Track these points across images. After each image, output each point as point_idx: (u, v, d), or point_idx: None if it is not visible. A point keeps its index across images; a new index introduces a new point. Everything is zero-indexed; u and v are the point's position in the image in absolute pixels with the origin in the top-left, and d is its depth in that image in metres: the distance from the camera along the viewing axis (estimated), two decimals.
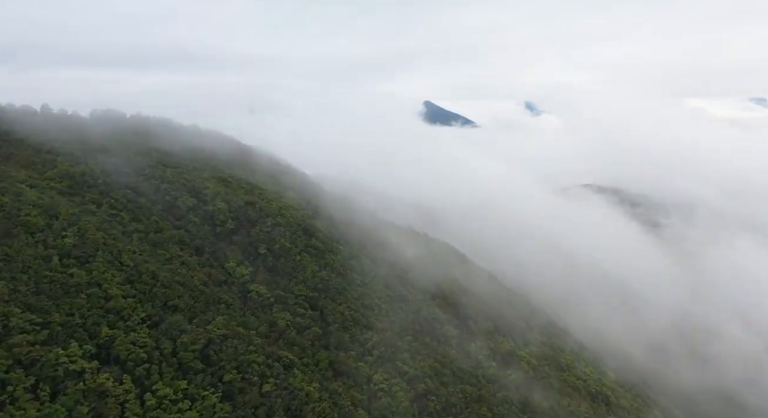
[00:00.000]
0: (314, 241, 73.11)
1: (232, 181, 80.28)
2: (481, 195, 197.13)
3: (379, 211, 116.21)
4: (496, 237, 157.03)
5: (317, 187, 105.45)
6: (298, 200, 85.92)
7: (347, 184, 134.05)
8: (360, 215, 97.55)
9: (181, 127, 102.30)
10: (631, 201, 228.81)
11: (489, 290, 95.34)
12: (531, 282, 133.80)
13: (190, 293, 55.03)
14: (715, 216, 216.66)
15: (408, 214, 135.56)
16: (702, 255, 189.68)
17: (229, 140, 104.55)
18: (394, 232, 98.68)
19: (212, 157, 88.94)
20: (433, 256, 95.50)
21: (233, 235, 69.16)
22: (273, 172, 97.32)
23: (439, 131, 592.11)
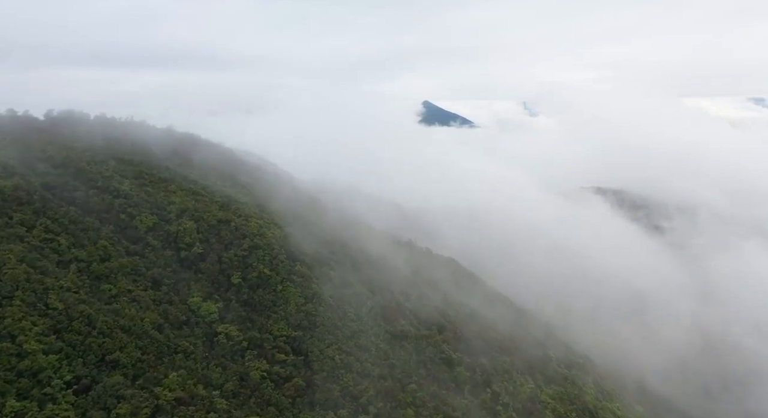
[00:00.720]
0: (299, 266, 61.44)
1: (204, 194, 68.59)
2: (480, 199, 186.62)
3: (376, 220, 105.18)
4: (496, 243, 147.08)
5: (308, 198, 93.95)
6: (283, 215, 74.25)
7: (341, 190, 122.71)
8: (355, 230, 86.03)
9: (154, 130, 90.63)
10: (633, 203, 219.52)
11: (500, 314, 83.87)
12: (535, 292, 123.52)
13: (137, 342, 43.46)
14: (718, 219, 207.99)
15: (406, 222, 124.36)
16: (709, 260, 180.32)
17: (207, 145, 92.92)
18: (392, 248, 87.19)
19: (184, 165, 77.35)
20: (437, 276, 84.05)
21: (201, 261, 57.50)
22: (258, 181, 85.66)
23: (437, 132, 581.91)
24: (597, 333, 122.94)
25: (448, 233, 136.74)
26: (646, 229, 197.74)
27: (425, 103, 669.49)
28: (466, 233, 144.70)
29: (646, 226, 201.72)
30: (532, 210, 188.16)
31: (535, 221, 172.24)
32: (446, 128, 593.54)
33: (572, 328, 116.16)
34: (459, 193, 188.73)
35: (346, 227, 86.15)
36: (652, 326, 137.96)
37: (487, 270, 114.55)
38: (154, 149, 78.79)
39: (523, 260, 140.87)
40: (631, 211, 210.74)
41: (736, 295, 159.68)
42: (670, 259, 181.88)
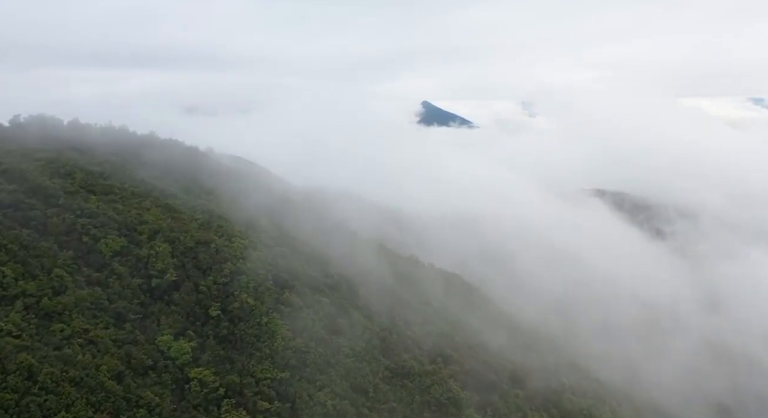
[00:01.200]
0: (288, 294, 54.30)
1: (182, 211, 61.46)
2: (477, 203, 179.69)
3: (373, 229, 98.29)
4: (495, 249, 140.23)
5: (301, 209, 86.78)
6: (272, 233, 67.16)
7: (336, 197, 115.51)
8: (351, 244, 78.93)
9: (133, 137, 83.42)
10: (633, 206, 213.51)
11: (508, 337, 76.92)
12: (537, 302, 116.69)
13: (88, 398, 36.34)
14: (721, 223, 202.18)
15: (403, 230, 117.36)
16: (714, 267, 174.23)
17: (192, 153, 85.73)
18: (393, 264, 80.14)
19: (164, 177, 70.15)
20: (441, 295, 77.04)
21: (175, 290, 50.35)
22: (244, 194, 78.45)
23: (436, 132, 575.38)
24: (604, 348, 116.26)
25: (444, 239, 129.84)
26: (648, 233, 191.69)
27: (424, 103, 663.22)
28: (464, 239, 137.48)
29: (647, 230, 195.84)
30: (532, 214, 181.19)
31: (534, 226, 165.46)
32: (445, 129, 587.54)
33: (578, 342, 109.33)
34: (456, 198, 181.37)
35: (342, 241, 79.15)
36: (660, 339, 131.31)
37: (486, 279, 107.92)
38: (130, 159, 71.63)
39: (523, 267, 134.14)
40: (632, 214, 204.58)
41: (745, 304, 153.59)
42: (674, 265, 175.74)
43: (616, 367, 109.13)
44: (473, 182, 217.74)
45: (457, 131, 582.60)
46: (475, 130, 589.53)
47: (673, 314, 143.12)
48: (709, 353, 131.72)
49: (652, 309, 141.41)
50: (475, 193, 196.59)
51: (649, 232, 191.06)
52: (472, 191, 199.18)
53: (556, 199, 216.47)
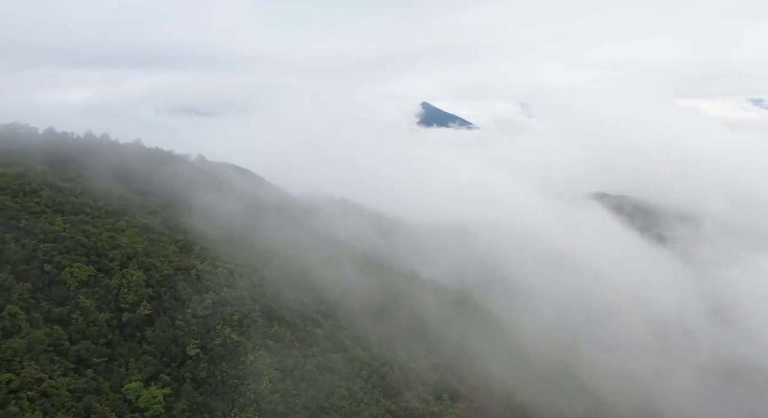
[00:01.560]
0: (277, 328, 48.55)
1: (162, 232, 55.66)
2: (478, 209, 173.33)
3: (370, 243, 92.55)
4: (493, 259, 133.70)
5: (293, 222, 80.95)
6: (261, 254, 61.35)
7: (331, 207, 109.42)
8: (346, 262, 73.13)
9: (114, 147, 77.52)
10: (634, 211, 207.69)
11: (518, 366, 71.15)
12: (539, 316, 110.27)
13: None
14: (723, 227, 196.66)
15: (399, 239, 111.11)
16: (719, 274, 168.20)
17: (177, 163, 79.84)
18: (391, 281, 74.34)
19: (142, 192, 64.33)
20: (447, 318, 71.28)
21: (148, 326, 44.57)
22: (232, 208, 72.61)
23: (435, 133, 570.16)
24: (614, 365, 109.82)
25: (444, 248, 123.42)
26: (650, 238, 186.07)
27: (424, 104, 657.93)
28: (463, 247, 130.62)
29: (649, 235, 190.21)
30: (532, 220, 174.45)
31: (536, 232, 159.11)
32: (444, 130, 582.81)
33: (587, 360, 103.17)
34: (456, 204, 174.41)
35: (337, 258, 73.38)
36: (670, 354, 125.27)
37: (488, 290, 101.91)
38: (108, 172, 65.83)
39: (525, 277, 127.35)
40: (633, 218, 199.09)
41: (753, 314, 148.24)
42: (678, 273, 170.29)
43: (628, 388, 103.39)
44: (472, 187, 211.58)
45: (456, 132, 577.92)
46: (475, 131, 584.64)
47: (681, 326, 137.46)
48: (723, 367, 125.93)
49: (660, 320, 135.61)
50: (476, 200, 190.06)
51: (651, 237, 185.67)
52: (472, 197, 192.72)
53: (556, 204, 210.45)
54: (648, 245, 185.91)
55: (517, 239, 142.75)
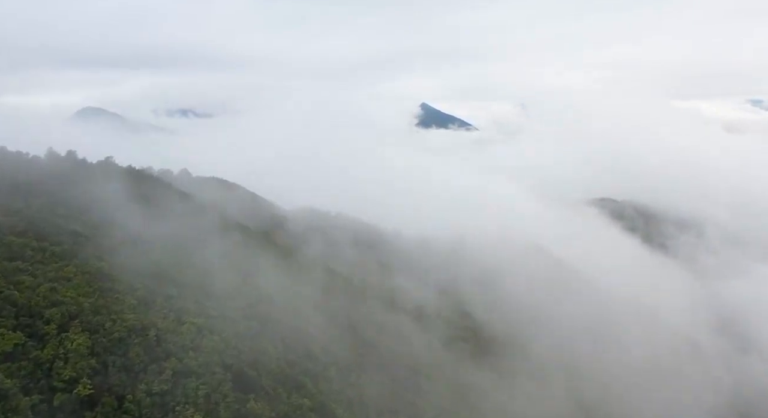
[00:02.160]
0: (253, 402, 39.29)
1: (119, 278, 46.38)
2: (471, 218, 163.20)
3: (368, 268, 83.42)
4: (492, 274, 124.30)
5: (286, 253, 71.78)
6: (241, 298, 52.07)
7: (329, 222, 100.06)
8: (344, 300, 64.02)
9: (83, 166, 68.05)
10: (634, 216, 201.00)
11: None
12: (547, 333, 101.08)
13: None
14: (727, 236, 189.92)
15: (396, 256, 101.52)
16: (724, 285, 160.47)
17: (157, 185, 70.49)
18: (396, 323, 65.31)
19: (104, 225, 55.03)
20: (453, 366, 62.23)
21: (88, 410, 35.39)
22: (217, 240, 63.29)
23: (434, 135, 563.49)
24: (625, 391, 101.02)
25: (442, 260, 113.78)
26: (654, 247, 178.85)
27: (423, 105, 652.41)
28: (460, 263, 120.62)
29: (653, 244, 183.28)
30: (531, 230, 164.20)
31: (535, 244, 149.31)
32: (444, 131, 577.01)
33: (603, 394, 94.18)
34: (452, 213, 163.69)
35: (331, 294, 64.35)
36: (682, 374, 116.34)
37: (488, 307, 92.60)
38: (64, 200, 56.57)
39: (527, 291, 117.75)
40: (633, 224, 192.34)
41: (762, 329, 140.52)
42: (685, 285, 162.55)
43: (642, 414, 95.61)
44: (471, 195, 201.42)
45: (455, 134, 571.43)
46: (474, 132, 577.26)
47: (688, 339, 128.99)
48: (738, 387, 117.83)
49: (665, 334, 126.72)
50: (475, 209, 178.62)
51: (653, 244, 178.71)
52: (472, 206, 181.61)
53: (557, 212, 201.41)
54: (653, 254, 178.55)
55: (519, 252, 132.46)
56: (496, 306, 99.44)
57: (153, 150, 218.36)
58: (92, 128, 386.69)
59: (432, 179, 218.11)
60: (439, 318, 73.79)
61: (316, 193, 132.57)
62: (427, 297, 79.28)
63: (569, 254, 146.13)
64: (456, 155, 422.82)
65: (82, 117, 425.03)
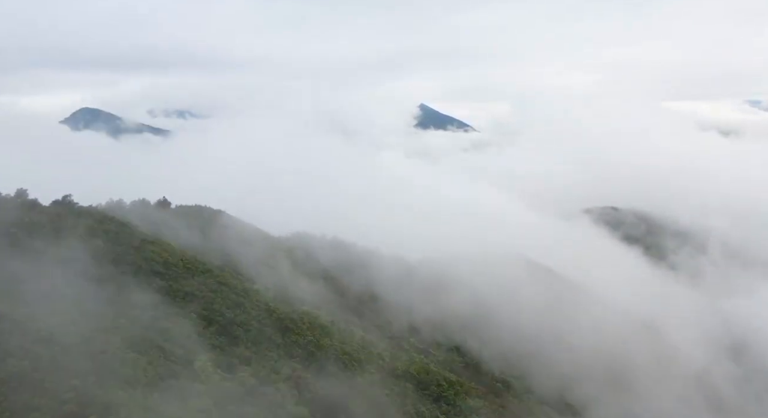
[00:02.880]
0: None
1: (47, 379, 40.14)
2: (467, 232, 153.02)
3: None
4: (501, 291, 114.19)
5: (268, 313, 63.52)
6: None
7: (323, 250, 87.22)
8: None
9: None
10: (633, 228, 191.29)
11: None
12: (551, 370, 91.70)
13: None
14: (729, 248, 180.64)
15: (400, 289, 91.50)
16: (730, 305, 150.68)
17: (123, 234, 62.56)
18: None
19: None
20: None
21: None
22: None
23: (432, 136, 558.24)
24: None
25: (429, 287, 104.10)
26: (657, 260, 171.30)
27: (422, 105, 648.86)
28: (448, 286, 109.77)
29: (650, 255, 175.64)
30: (528, 243, 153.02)
31: (533, 259, 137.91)
32: (442, 133, 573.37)
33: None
34: (443, 228, 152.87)
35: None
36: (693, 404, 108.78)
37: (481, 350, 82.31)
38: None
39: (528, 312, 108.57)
40: (630, 235, 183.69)
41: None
42: (689, 303, 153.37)
43: None
44: (464, 207, 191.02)
45: (454, 135, 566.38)
46: (472, 133, 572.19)
47: (701, 365, 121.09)
48: None
49: (674, 360, 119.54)
50: (473, 224, 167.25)
51: (655, 257, 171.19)
52: (467, 219, 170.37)
53: (555, 222, 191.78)
54: (659, 271, 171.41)
55: (513, 269, 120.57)
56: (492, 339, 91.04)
57: (133, 166, 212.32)
58: (84, 132, 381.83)
59: (425, 191, 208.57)
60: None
61: (302, 214, 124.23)
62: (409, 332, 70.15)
63: (571, 272, 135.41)
64: (453, 159, 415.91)
65: (79, 118, 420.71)
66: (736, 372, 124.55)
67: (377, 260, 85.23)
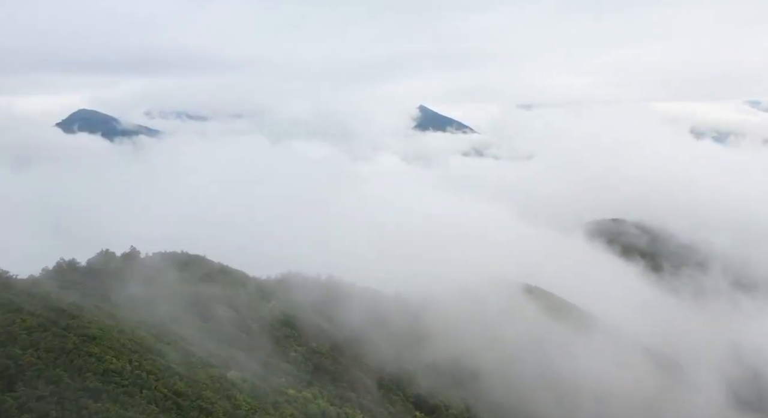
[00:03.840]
0: None
1: None
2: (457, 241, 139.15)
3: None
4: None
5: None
6: None
7: (312, 292, 77.69)
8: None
9: None
10: (636, 241, 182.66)
11: None
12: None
13: None
14: (733, 268, 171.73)
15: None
16: (737, 328, 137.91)
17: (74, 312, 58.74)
18: None
19: None
20: None
21: None
22: None
23: (430, 138, 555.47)
24: None
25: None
26: (658, 281, 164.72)
27: (421, 107, 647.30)
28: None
29: (649, 272, 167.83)
30: (522, 259, 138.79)
31: (529, 285, 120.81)
32: (440, 134, 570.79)
33: None
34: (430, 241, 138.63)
35: None
36: None
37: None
38: None
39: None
40: (639, 252, 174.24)
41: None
42: (696, 327, 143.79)
43: None
44: (461, 225, 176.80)
45: (452, 137, 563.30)
46: (471, 135, 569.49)
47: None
48: None
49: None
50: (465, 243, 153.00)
51: (655, 275, 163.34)
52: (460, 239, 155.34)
53: (551, 238, 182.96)
54: (659, 290, 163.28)
55: (506, 297, 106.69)
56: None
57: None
58: (78, 135, 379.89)
59: (415, 207, 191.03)
60: None
61: (289, 249, 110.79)
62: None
63: (569, 293, 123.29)
64: (450, 164, 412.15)
65: (76, 119, 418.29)
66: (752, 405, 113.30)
67: (349, 299, 74.52)
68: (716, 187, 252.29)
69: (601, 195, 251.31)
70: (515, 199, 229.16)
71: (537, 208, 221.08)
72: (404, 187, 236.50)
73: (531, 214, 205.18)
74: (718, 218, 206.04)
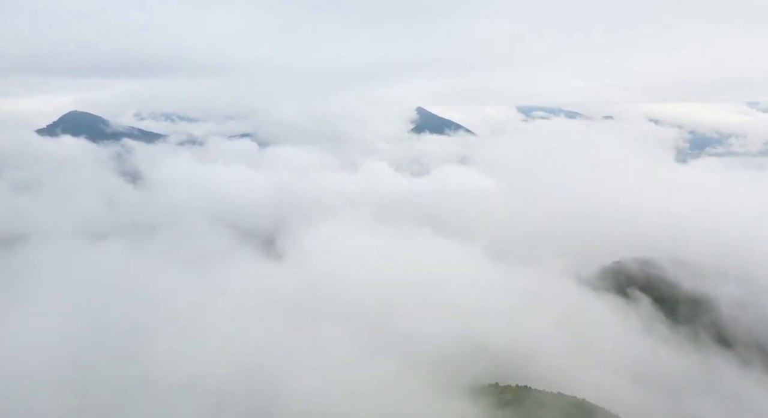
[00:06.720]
0: None
1: None
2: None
3: None
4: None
5: None
6: None
7: None
8: None
9: None
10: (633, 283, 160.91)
11: None
12: None
13: None
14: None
15: None
16: None
17: None
18: None
19: None
20: None
21: None
22: None
23: (427, 141, 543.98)
24: None
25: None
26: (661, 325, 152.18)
27: (419, 109, 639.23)
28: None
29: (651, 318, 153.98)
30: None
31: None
32: (437, 137, 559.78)
33: None
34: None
35: None
36: None
37: None
38: None
39: None
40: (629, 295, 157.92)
41: None
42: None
43: None
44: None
45: (450, 140, 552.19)
46: (471, 137, 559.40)
47: None
48: None
49: None
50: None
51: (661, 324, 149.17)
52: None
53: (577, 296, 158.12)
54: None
55: None
56: None
57: None
58: (62, 137, 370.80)
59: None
60: None
61: None
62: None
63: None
64: (445, 170, 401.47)
65: (66, 121, 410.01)
66: None
67: None
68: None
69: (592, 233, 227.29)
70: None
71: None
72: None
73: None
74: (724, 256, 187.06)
